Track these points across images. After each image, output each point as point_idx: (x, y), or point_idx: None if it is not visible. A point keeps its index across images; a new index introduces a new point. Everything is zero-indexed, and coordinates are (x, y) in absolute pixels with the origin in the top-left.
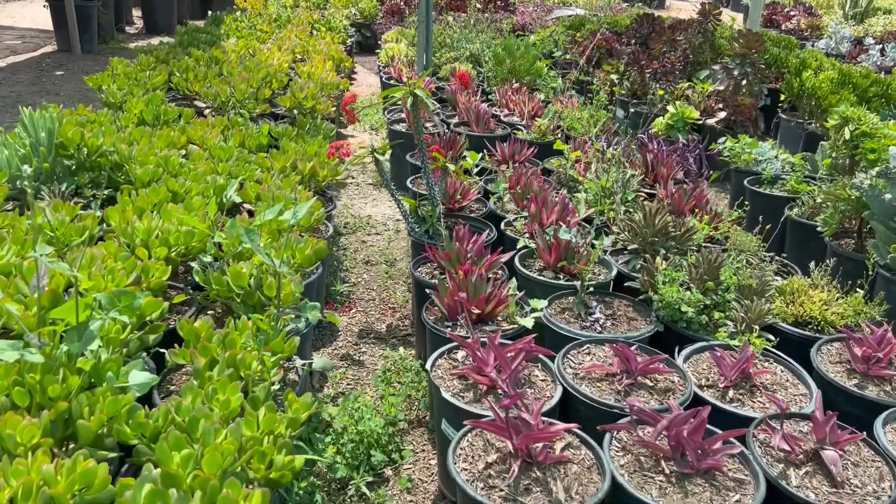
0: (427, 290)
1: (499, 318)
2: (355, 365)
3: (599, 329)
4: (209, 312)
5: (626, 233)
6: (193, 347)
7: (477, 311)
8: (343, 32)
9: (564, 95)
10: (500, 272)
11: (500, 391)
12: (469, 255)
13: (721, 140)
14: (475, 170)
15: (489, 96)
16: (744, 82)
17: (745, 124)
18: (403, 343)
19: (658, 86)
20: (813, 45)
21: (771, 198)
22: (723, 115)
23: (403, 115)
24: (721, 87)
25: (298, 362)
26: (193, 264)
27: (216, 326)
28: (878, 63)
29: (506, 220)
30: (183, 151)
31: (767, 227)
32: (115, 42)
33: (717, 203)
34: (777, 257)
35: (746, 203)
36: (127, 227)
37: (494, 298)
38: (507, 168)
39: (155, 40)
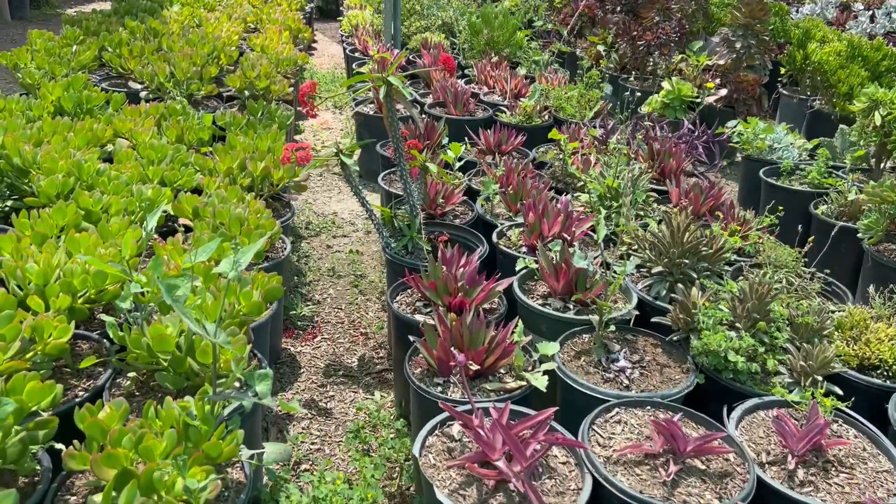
0: (409, 333)
1: (501, 371)
2: (322, 415)
3: (626, 381)
4: (130, 375)
5: (648, 251)
6: (97, 453)
7: (475, 368)
8: None
9: (548, 70)
10: (497, 302)
11: (511, 488)
12: (460, 284)
13: (732, 124)
14: (458, 163)
15: (465, 70)
16: (746, 56)
17: (747, 102)
18: (379, 382)
19: (652, 59)
20: (797, 11)
21: (790, 193)
22: (723, 92)
23: (371, 94)
24: (721, 62)
25: (245, 454)
26: (108, 312)
27: (135, 403)
28: (868, 30)
29: (498, 230)
30: (110, 148)
31: (810, 239)
32: (50, 7)
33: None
34: (819, 273)
35: (762, 196)
36: (17, 268)
37: (497, 349)
38: (493, 160)
39: (94, 4)
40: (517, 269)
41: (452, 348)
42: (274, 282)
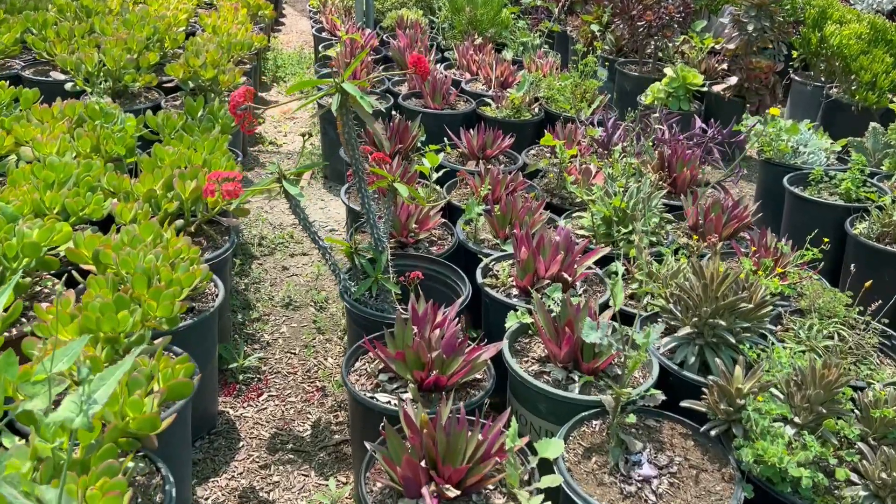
0: (370, 421)
1: (489, 488)
2: None
3: (653, 498)
4: None
5: (671, 305)
6: None
7: (454, 494)
8: None
9: (538, 53)
10: (482, 376)
11: None
12: (435, 355)
13: (750, 122)
14: (435, 174)
15: (445, 53)
16: (759, 39)
17: (759, 92)
18: (336, 460)
19: (653, 42)
20: None
21: (821, 207)
22: (733, 80)
23: (335, 69)
24: (731, 46)
25: None
26: None
27: None
28: (874, 5)
29: (483, 265)
30: (13, 158)
31: (867, 284)
32: None
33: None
34: (874, 323)
35: (785, 209)
36: None
37: (483, 463)
38: (477, 166)
39: None
40: (507, 324)
41: (423, 463)
42: (183, 370)
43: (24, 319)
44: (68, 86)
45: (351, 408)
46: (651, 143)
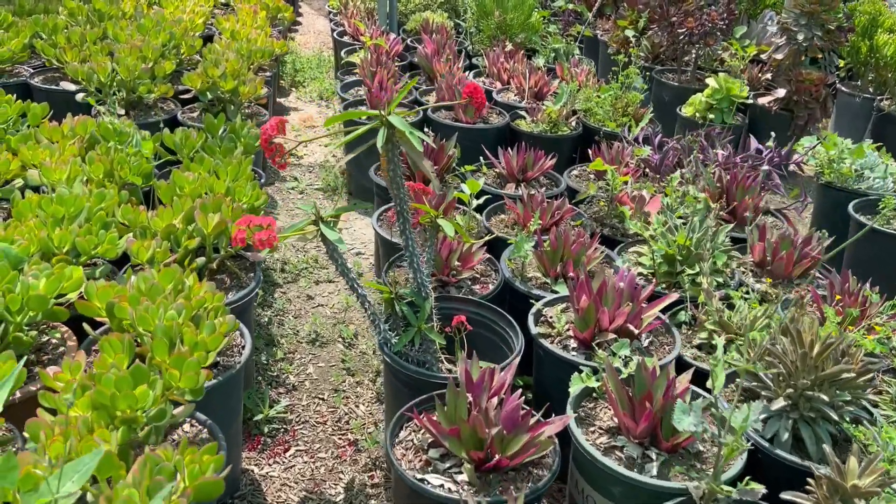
0: (420, 501)
1: None
2: None
3: None
4: None
5: (761, 368)
6: None
7: None
8: None
9: (571, 60)
10: (547, 454)
11: None
12: (494, 432)
13: (808, 144)
14: (475, 200)
15: (473, 60)
16: (808, 49)
17: (809, 106)
18: None
19: (695, 50)
20: None
21: (894, 238)
22: (781, 93)
23: (359, 77)
24: (779, 56)
25: None
26: None
27: None
28: None
29: (535, 311)
30: (19, 183)
31: None
32: None
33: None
34: None
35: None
36: None
37: None
38: (517, 189)
39: None
40: (571, 388)
41: None
42: (210, 466)
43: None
44: (80, 97)
45: (397, 486)
46: (709, 169)
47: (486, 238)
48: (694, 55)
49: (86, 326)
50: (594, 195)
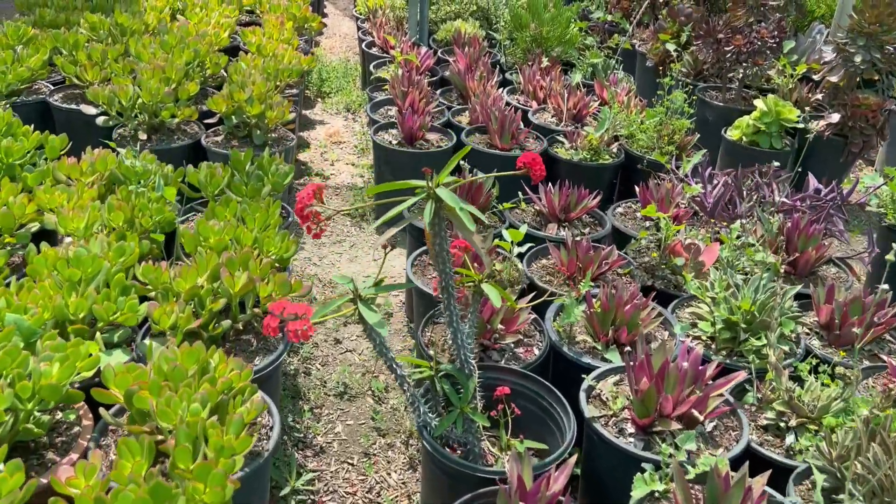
0: None
1: None
2: None
3: None
4: None
5: (834, 465)
6: None
7: None
8: None
9: (610, 77)
10: None
11: None
12: None
13: (869, 182)
14: (517, 248)
15: (507, 74)
16: (865, 71)
17: (865, 132)
18: None
19: (742, 69)
20: None
21: None
22: (835, 118)
23: (390, 96)
24: (834, 78)
25: None
26: None
27: None
28: None
29: (586, 387)
30: (35, 226)
31: None
32: None
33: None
34: None
35: None
36: None
37: None
38: (558, 231)
39: None
40: (633, 490)
41: None
42: None
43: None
44: (100, 120)
45: None
46: (768, 217)
47: (533, 301)
48: (741, 74)
49: (102, 412)
50: (644, 242)
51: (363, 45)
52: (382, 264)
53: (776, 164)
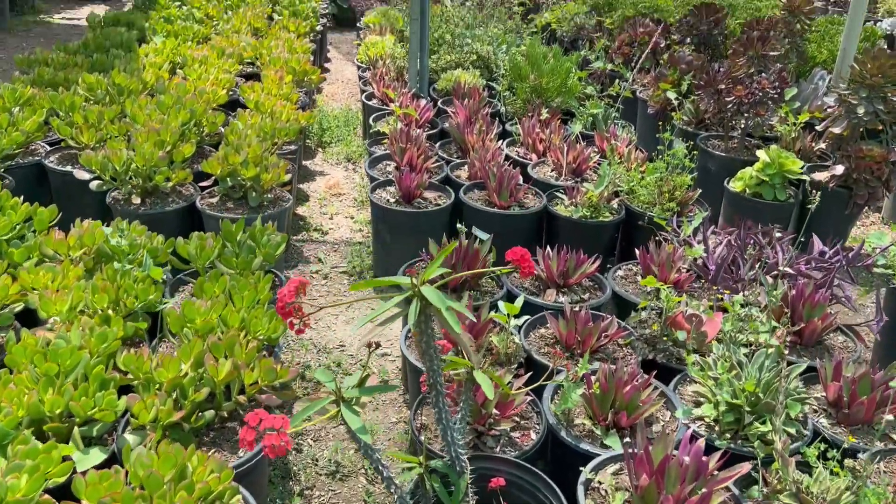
0: None
1: None
2: None
3: None
4: None
5: None
6: None
7: None
8: (312, 18)
9: (610, 128)
10: None
11: None
12: None
13: (876, 241)
14: (514, 320)
15: (507, 125)
16: (869, 123)
17: (871, 184)
18: None
19: (744, 119)
20: (875, 25)
21: None
22: (839, 170)
23: (388, 151)
24: (837, 130)
25: None
26: None
27: None
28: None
29: (584, 480)
30: (19, 306)
31: None
32: (35, 14)
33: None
34: None
35: None
36: None
37: None
38: (557, 296)
39: (89, 7)
40: None
41: None
42: None
43: None
44: (94, 185)
45: None
46: (772, 285)
47: (530, 385)
48: (744, 124)
49: None
50: (645, 313)
51: (363, 97)
52: (368, 359)
53: (778, 227)
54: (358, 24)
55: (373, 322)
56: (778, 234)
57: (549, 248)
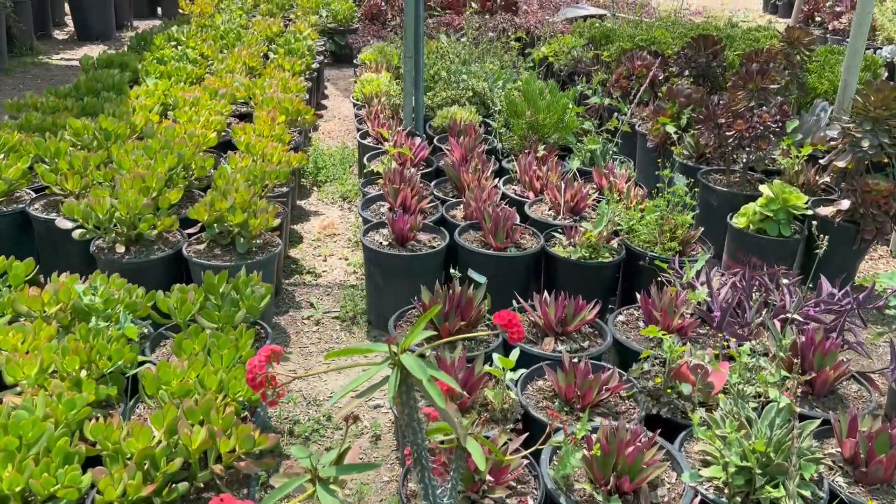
0: None
1: None
2: None
3: None
4: None
5: None
6: None
7: None
8: (308, 56)
9: (609, 164)
10: None
11: None
12: None
13: (891, 287)
14: (510, 373)
15: (503, 162)
16: (875, 156)
17: (878, 219)
18: None
19: (746, 154)
20: (875, 53)
21: None
22: (846, 204)
23: (382, 191)
24: (842, 164)
25: None
26: None
27: None
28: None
29: None
30: None
31: None
32: (33, 55)
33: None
34: None
35: None
36: None
37: None
38: (555, 345)
39: (87, 48)
40: None
41: None
42: None
43: None
44: (77, 234)
45: None
46: (781, 335)
47: (528, 449)
48: (745, 159)
49: None
50: (648, 364)
51: (359, 135)
52: (344, 439)
53: (784, 268)
54: (355, 62)
55: (356, 391)
56: (784, 278)
57: (546, 293)
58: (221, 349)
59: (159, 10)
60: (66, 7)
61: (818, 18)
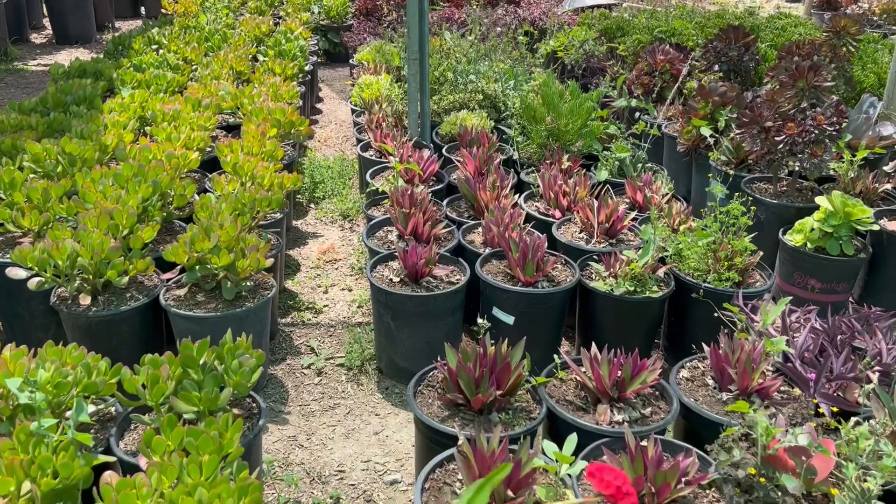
0: None
1: None
2: None
3: None
4: None
5: None
6: None
7: None
8: (300, 58)
9: (645, 176)
10: None
11: None
12: None
13: None
14: (566, 467)
15: (522, 174)
16: None
17: None
18: None
19: (798, 161)
20: None
21: None
22: None
23: (388, 214)
24: None
25: None
26: None
27: None
28: None
29: None
30: None
31: None
32: (8, 61)
33: None
34: None
35: None
36: None
37: None
38: (610, 414)
39: (67, 52)
40: None
41: None
42: None
43: None
44: (33, 284)
45: None
46: (889, 394)
47: None
48: (797, 167)
49: None
50: (736, 447)
51: (359, 147)
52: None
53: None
54: (350, 61)
55: None
56: (879, 320)
57: (595, 347)
58: (202, 450)
59: (143, 9)
60: (44, 9)
61: (834, 1)
